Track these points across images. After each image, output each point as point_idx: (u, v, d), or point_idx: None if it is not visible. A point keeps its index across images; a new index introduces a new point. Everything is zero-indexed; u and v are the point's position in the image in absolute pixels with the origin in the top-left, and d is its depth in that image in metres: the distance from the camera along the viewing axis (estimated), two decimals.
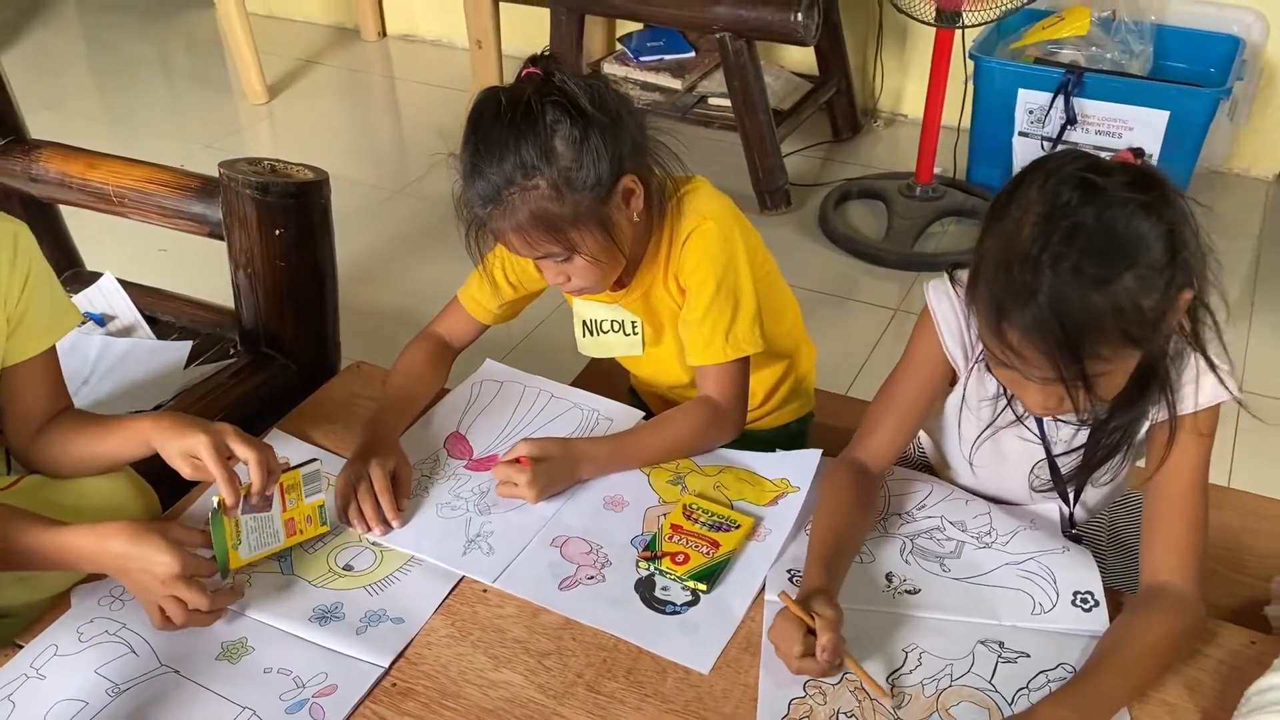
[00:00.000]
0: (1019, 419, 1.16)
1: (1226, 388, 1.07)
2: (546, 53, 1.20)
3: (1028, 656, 1.06)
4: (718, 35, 2.81)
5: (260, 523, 1.14)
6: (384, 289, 2.72)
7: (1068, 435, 1.16)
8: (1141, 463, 1.19)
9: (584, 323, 1.46)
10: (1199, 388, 1.08)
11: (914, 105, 3.35)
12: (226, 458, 1.11)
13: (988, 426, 1.17)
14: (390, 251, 2.93)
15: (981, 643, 1.08)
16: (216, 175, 1.65)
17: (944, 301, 1.16)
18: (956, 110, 3.00)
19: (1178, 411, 1.07)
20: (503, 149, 1.13)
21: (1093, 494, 1.22)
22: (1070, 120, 2.79)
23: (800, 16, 2.67)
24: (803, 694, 1.03)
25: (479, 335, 1.48)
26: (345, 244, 1.32)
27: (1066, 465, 1.18)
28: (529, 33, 3.48)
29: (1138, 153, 1.01)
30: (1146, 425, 1.11)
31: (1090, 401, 1.01)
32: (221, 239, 1.70)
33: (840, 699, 1.02)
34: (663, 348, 1.44)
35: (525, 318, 1.54)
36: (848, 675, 1.04)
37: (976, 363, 1.16)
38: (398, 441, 1.31)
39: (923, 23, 2.70)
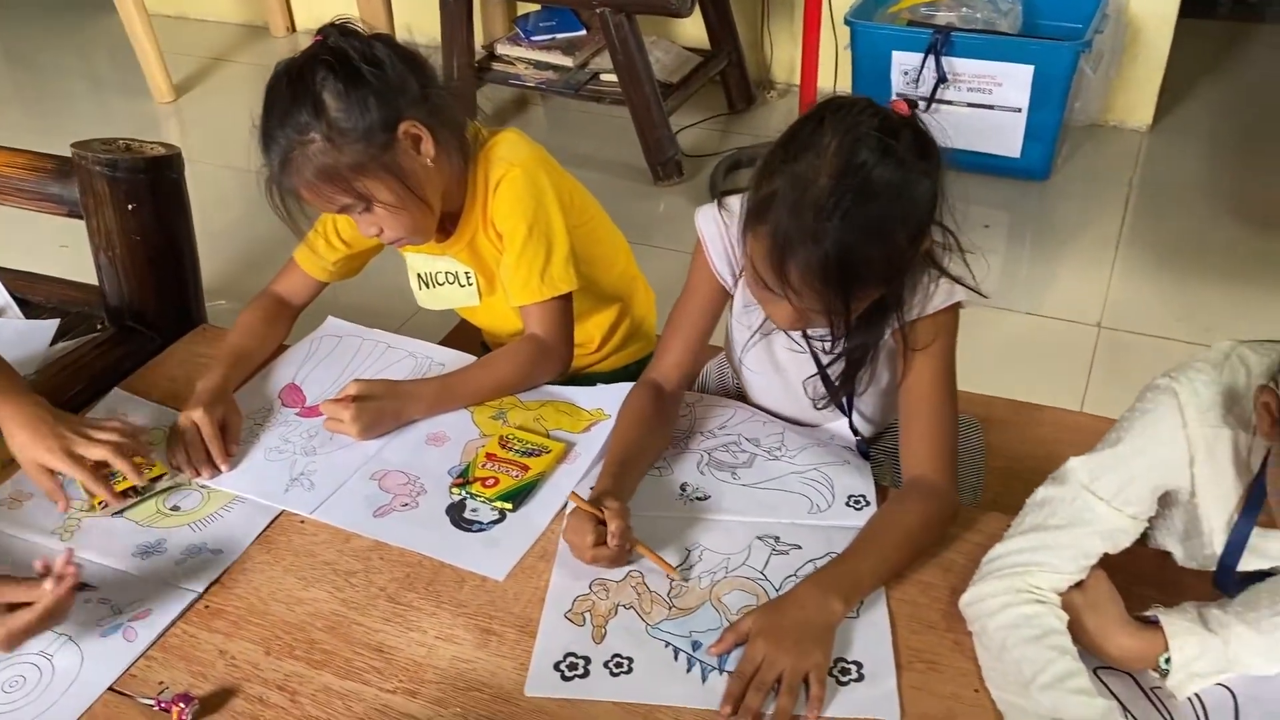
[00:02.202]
0: (779, 326, 1.24)
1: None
2: (337, 21, 1.28)
3: (799, 548, 1.15)
4: (599, 11, 2.88)
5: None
6: None
7: (827, 347, 1.24)
8: None
9: (419, 276, 1.53)
10: (932, 295, 1.16)
11: None
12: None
13: (756, 331, 1.25)
14: None
15: (759, 538, 1.16)
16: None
17: (711, 226, 1.24)
18: (841, 77, 3.10)
19: (910, 318, 1.16)
20: (282, 113, 1.23)
21: (865, 403, 1.31)
22: (942, 79, 2.89)
23: None
24: (587, 590, 1.11)
25: (319, 292, 1.55)
26: (255, 233, 1.41)
27: (835, 375, 1.26)
28: (422, 18, 3.55)
29: (911, 104, 1.09)
30: (889, 333, 1.19)
31: (835, 331, 1.11)
32: (81, 218, 1.75)
33: (622, 594, 1.10)
34: (498, 297, 1.51)
35: None
36: (631, 573, 1.12)
37: (742, 274, 1.25)
38: (228, 392, 1.37)
39: None
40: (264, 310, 1.50)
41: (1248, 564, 0.99)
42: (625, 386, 1.37)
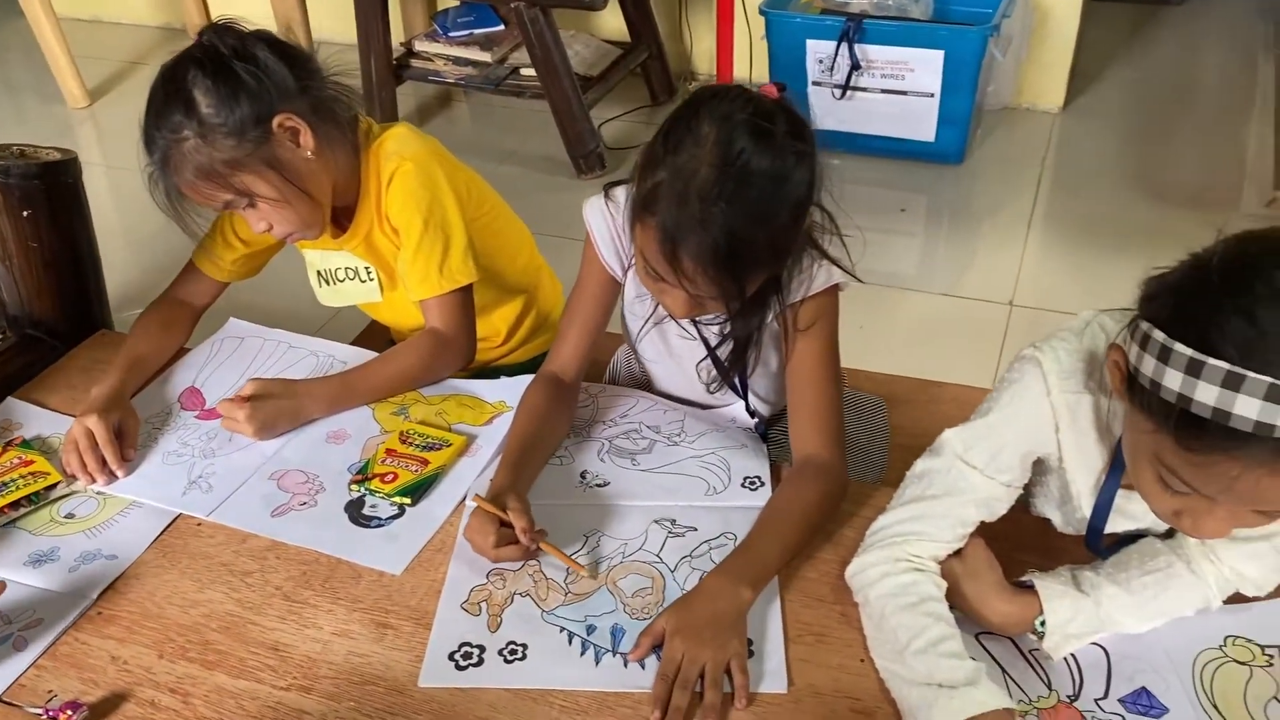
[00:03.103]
0: (672, 314, 1.26)
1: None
2: (220, 22, 1.27)
3: (695, 530, 1.16)
4: (514, 6, 2.88)
5: None
6: None
7: (718, 330, 1.26)
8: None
9: (319, 273, 1.52)
10: (813, 278, 1.18)
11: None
12: None
13: (647, 320, 1.27)
14: None
15: (656, 522, 1.18)
16: None
17: (598, 217, 1.26)
18: (758, 67, 3.13)
19: (792, 300, 1.18)
20: (157, 114, 1.23)
21: (759, 385, 1.33)
22: (856, 66, 2.93)
23: None
24: (484, 581, 1.11)
25: (219, 293, 1.53)
26: (183, 239, 1.41)
27: (725, 358, 1.27)
28: (337, 16, 3.52)
29: (780, 87, 1.11)
30: (771, 316, 1.20)
31: (731, 312, 1.13)
32: None
33: (519, 582, 1.11)
34: (399, 292, 1.51)
35: None
36: (528, 561, 1.13)
37: (632, 264, 1.26)
38: (125, 397, 1.36)
39: None
40: (162, 314, 1.48)
41: (1116, 525, 1.03)
42: (528, 378, 1.38)
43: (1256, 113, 3.27)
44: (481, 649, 1.04)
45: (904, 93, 2.95)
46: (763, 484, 1.22)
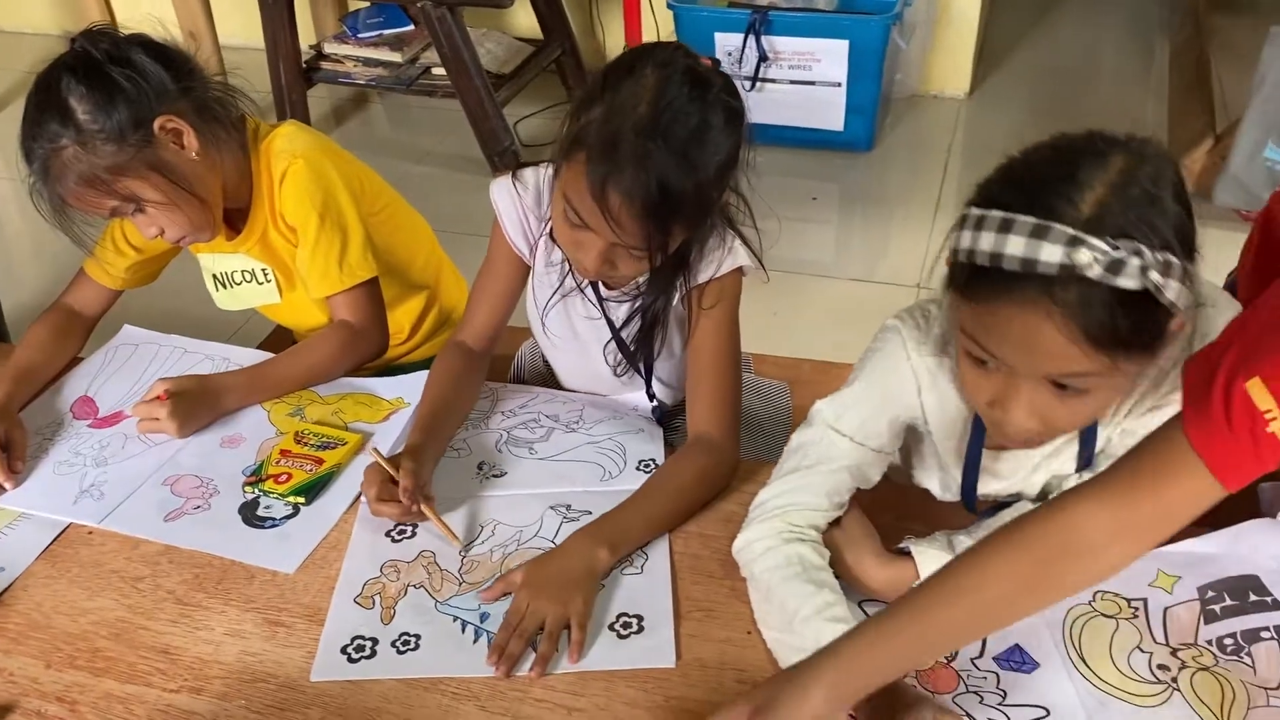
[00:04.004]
0: (579, 287, 1.27)
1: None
2: (93, 27, 1.26)
3: (589, 514, 1.18)
4: (420, 5, 2.87)
5: None
6: None
7: (624, 313, 1.28)
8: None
9: (214, 277, 1.51)
10: (719, 260, 1.21)
11: None
12: None
13: (555, 291, 1.29)
14: None
15: (551, 508, 1.19)
16: None
17: (506, 198, 1.27)
18: None
19: (698, 281, 1.20)
20: (33, 124, 1.21)
21: (662, 369, 1.35)
22: (763, 58, 2.97)
23: None
24: (378, 574, 1.12)
25: (112, 301, 1.52)
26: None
27: (630, 339, 1.29)
28: (244, 20, 3.47)
29: (716, 62, 1.13)
30: (678, 297, 1.23)
31: (653, 264, 1.12)
32: None
33: (413, 574, 1.12)
34: (299, 292, 1.50)
35: None
36: (423, 552, 1.14)
37: (540, 237, 1.28)
38: (12, 410, 1.33)
39: None
40: (53, 324, 1.46)
41: (988, 486, 1.07)
42: (423, 375, 1.38)
43: (1152, 93, 3.38)
44: (374, 641, 1.04)
45: (811, 83, 2.99)
46: (658, 466, 1.24)
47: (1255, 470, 0.78)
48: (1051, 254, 0.78)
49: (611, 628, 1.04)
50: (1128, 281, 0.78)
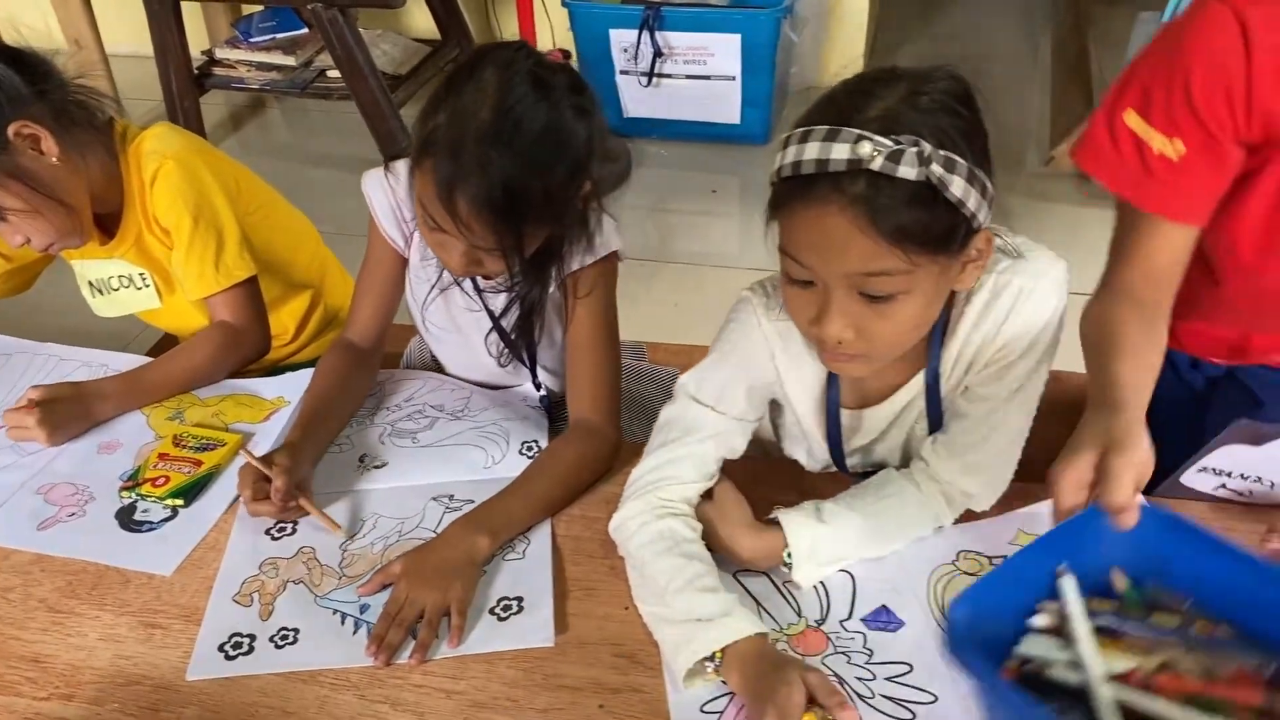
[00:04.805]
0: (456, 281, 1.28)
1: (613, 244, 1.23)
2: None
3: (471, 503, 1.18)
4: (311, 7, 2.84)
5: None
6: None
7: (503, 303, 1.29)
8: None
9: (90, 284, 1.49)
10: (593, 247, 1.22)
11: None
12: None
13: (433, 286, 1.29)
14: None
15: (433, 499, 1.20)
16: None
17: (378, 190, 1.27)
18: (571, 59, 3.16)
19: (573, 268, 1.22)
20: None
21: (545, 357, 1.36)
22: (658, 53, 3.00)
23: None
24: (257, 571, 1.11)
25: None
26: None
27: (511, 328, 1.30)
28: (131, 28, 3.40)
29: (565, 54, 1.14)
30: (554, 285, 1.24)
31: (510, 266, 1.14)
32: None
33: (292, 570, 1.12)
34: (179, 295, 1.48)
35: None
36: (302, 548, 1.14)
37: (415, 230, 1.28)
38: None
39: None
40: None
41: (854, 442, 1.11)
42: (307, 373, 1.38)
43: (1037, 81, 3.49)
44: (252, 638, 1.04)
45: (707, 77, 3.03)
46: (540, 449, 1.25)
47: (1158, 190, 0.99)
48: (840, 152, 0.83)
49: (492, 611, 1.05)
50: (907, 170, 0.82)
